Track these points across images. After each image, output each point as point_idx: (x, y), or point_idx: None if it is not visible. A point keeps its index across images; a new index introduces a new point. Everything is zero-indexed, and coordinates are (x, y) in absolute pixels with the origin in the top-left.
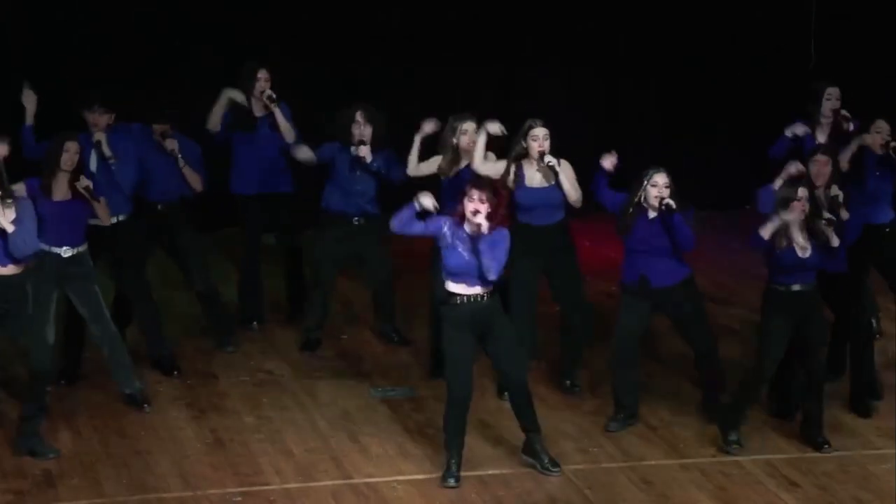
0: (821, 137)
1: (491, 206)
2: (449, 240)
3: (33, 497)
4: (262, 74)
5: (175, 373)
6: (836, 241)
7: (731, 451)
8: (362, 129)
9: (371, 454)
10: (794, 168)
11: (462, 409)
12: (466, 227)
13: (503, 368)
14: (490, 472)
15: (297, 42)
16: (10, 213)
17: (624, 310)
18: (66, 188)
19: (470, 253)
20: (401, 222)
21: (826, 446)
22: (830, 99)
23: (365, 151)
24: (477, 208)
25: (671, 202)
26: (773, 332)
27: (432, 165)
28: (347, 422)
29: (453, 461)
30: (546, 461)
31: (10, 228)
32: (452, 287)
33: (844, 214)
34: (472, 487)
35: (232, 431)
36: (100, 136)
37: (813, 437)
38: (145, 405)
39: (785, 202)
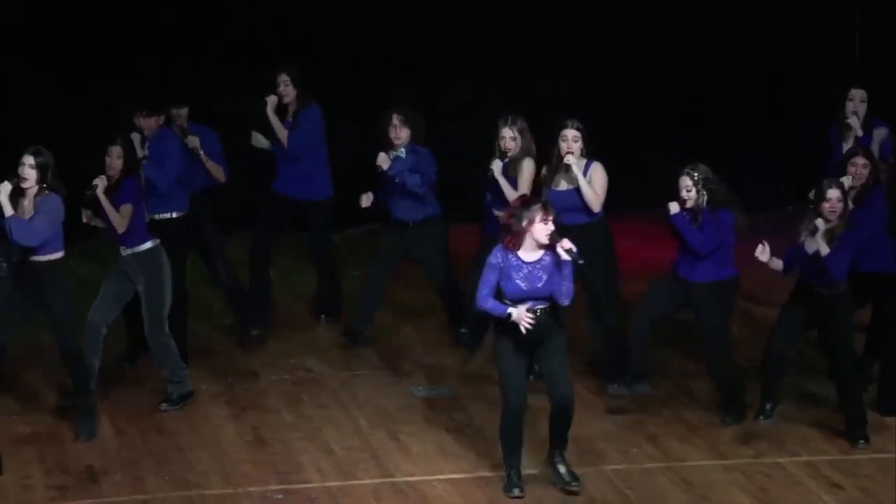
0: (847, 141)
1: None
2: (503, 269)
3: (76, 493)
4: (282, 78)
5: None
6: (825, 250)
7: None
8: (398, 132)
9: (411, 453)
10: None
11: (517, 418)
12: (522, 253)
13: (551, 383)
14: (529, 472)
15: (297, 42)
16: (29, 206)
17: (653, 283)
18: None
19: (528, 281)
20: (494, 305)
21: (861, 441)
22: (853, 100)
23: (382, 159)
24: (552, 230)
25: (671, 205)
26: (784, 315)
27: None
28: (387, 420)
29: (513, 471)
30: (566, 477)
31: (8, 211)
32: (510, 303)
33: None
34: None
35: (272, 429)
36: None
37: (852, 435)
38: (163, 404)
39: (818, 198)
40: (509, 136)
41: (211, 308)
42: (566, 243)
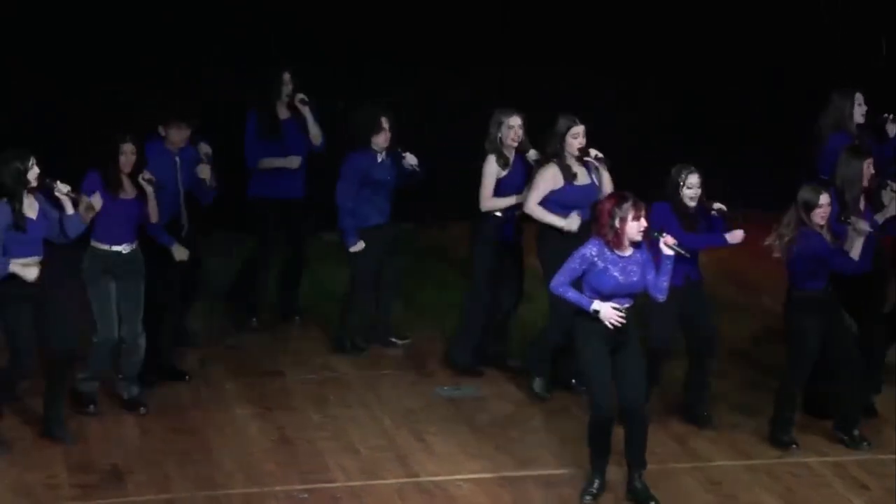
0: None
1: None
2: (599, 264)
3: (101, 492)
4: (287, 77)
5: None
6: (857, 253)
7: (791, 452)
8: (388, 135)
9: (436, 453)
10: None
11: (610, 420)
12: (623, 250)
13: (622, 389)
14: (555, 471)
15: (297, 42)
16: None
17: (662, 308)
18: (128, 187)
19: (623, 275)
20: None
21: (865, 444)
22: (861, 104)
23: (414, 159)
24: (644, 226)
25: (722, 206)
26: (805, 337)
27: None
28: (412, 420)
29: (597, 480)
30: (643, 496)
31: (70, 209)
32: (598, 305)
33: (892, 210)
34: (536, 486)
35: (297, 429)
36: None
37: (848, 430)
38: (141, 408)
39: (807, 206)
40: (518, 125)
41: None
42: (669, 238)
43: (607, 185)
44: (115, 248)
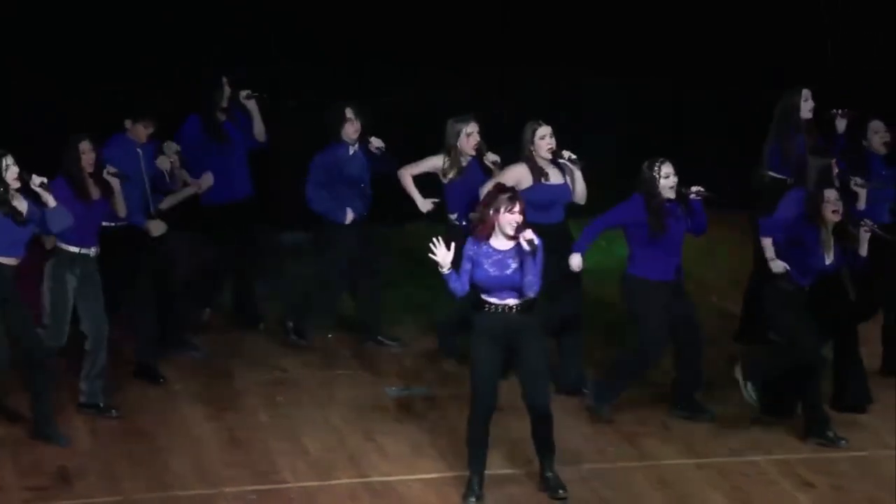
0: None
1: (524, 214)
2: (475, 258)
3: (51, 494)
4: (225, 81)
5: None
6: (864, 251)
7: (741, 451)
8: (355, 125)
9: (387, 453)
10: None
11: (484, 419)
12: (493, 241)
13: (524, 389)
14: (504, 471)
15: (297, 42)
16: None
17: (656, 306)
18: (92, 188)
19: (496, 268)
20: (462, 289)
21: (843, 441)
22: (808, 100)
23: (379, 142)
24: (518, 220)
25: (701, 188)
26: (803, 326)
27: (424, 166)
28: (363, 420)
29: (475, 478)
30: (552, 484)
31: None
32: (484, 296)
33: (862, 204)
34: (486, 486)
35: (248, 430)
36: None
37: (822, 432)
38: (113, 410)
39: (815, 205)
40: (477, 132)
41: None
42: (528, 234)
43: (580, 186)
44: (84, 250)
